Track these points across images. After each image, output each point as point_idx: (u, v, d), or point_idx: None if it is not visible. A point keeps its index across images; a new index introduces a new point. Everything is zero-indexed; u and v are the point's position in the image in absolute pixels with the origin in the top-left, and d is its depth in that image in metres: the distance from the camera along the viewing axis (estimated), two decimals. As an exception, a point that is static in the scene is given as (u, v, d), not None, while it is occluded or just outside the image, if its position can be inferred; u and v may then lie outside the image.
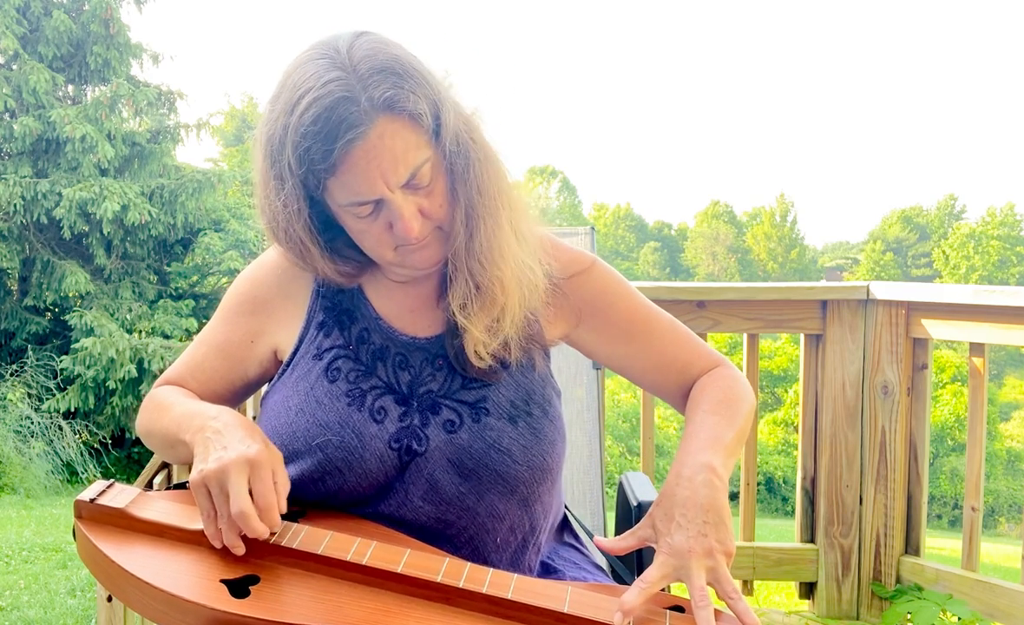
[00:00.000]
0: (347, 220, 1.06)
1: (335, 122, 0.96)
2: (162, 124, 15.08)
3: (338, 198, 1.02)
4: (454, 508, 1.08)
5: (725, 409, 1.15)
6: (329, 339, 1.15)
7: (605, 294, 1.22)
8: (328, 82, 0.97)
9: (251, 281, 1.22)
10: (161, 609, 0.91)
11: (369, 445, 1.07)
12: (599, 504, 2.03)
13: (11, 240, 13.26)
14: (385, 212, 1.03)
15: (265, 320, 1.20)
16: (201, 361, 1.22)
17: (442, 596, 0.94)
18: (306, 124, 0.97)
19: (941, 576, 2.50)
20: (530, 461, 1.09)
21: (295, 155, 0.99)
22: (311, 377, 1.12)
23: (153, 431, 1.18)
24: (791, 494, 16.86)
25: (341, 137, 0.96)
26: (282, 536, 0.98)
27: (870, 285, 2.62)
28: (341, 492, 1.08)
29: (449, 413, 1.10)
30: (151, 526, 1.00)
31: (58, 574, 4.32)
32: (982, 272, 45.62)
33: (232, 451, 0.95)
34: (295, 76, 1.01)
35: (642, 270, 55.53)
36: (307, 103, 0.97)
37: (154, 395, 1.21)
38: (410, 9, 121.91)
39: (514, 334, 1.12)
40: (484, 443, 1.08)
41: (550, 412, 1.14)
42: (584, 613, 0.92)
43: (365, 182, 0.99)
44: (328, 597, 0.92)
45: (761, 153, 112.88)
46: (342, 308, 1.17)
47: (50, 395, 12.16)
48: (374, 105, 0.97)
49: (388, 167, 0.99)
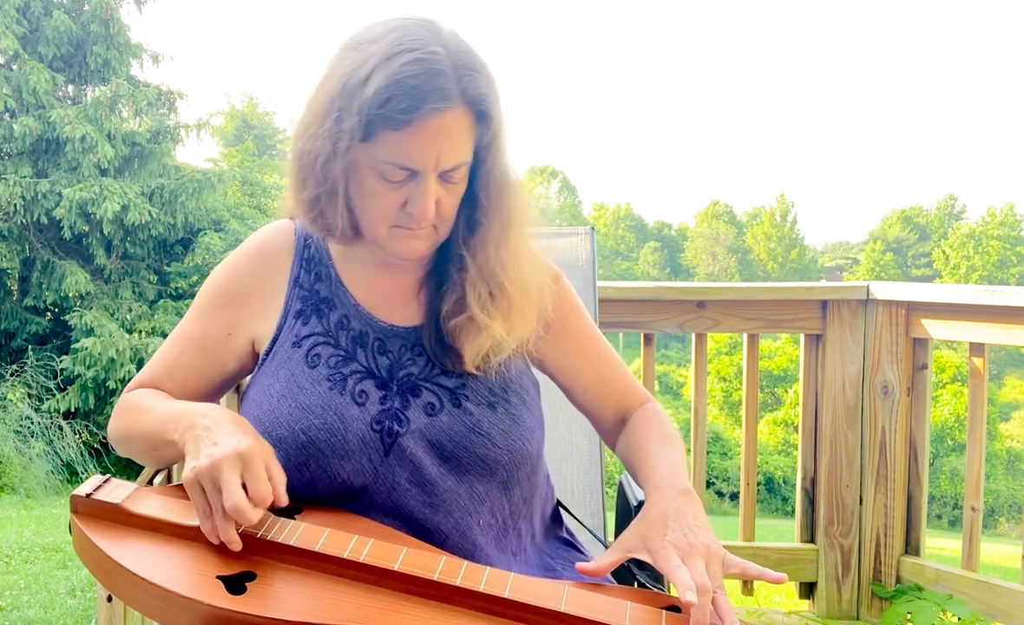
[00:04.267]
0: (369, 178, 1.07)
1: (430, 87, 1.00)
2: (162, 124, 15.09)
3: (384, 153, 1.04)
4: (438, 490, 1.09)
5: (672, 443, 1.22)
6: (307, 327, 1.16)
7: (570, 306, 1.28)
8: (435, 52, 1.02)
9: (227, 272, 1.22)
10: (157, 605, 0.91)
11: (351, 427, 1.08)
12: (599, 504, 2.03)
13: (11, 240, 13.27)
14: (410, 187, 1.06)
15: (242, 311, 1.20)
16: (177, 358, 1.21)
17: (439, 594, 0.94)
18: (404, 74, 1.00)
19: (941, 576, 2.49)
20: (510, 446, 1.12)
21: (377, 96, 1.01)
22: (292, 364, 1.13)
23: (131, 435, 1.16)
24: (791, 494, 16.86)
25: (430, 101, 1.00)
26: (279, 533, 0.98)
27: (870, 285, 2.62)
28: (327, 477, 1.08)
29: (429, 396, 1.12)
30: (147, 522, 1.00)
31: (58, 574, 4.32)
32: (982, 272, 45.62)
33: (223, 446, 0.95)
34: (397, 33, 1.04)
35: (642, 270, 55.55)
36: (411, 58, 1.01)
37: (128, 399, 1.20)
38: (409, 9, 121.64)
39: (509, 353, 1.15)
40: (464, 427, 1.11)
41: (528, 400, 1.18)
42: (581, 612, 0.92)
43: (421, 151, 1.03)
44: (324, 594, 0.92)
45: (761, 153, 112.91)
46: (320, 297, 1.18)
47: (50, 395, 12.16)
48: (463, 93, 1.03)
49: (445, 150, 1.04)
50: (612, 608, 0.94)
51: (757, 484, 2.87)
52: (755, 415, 2.80)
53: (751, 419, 2.79)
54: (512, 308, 1.14)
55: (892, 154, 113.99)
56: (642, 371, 2.79)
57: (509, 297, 1.14)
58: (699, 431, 2.77)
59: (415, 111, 1.00)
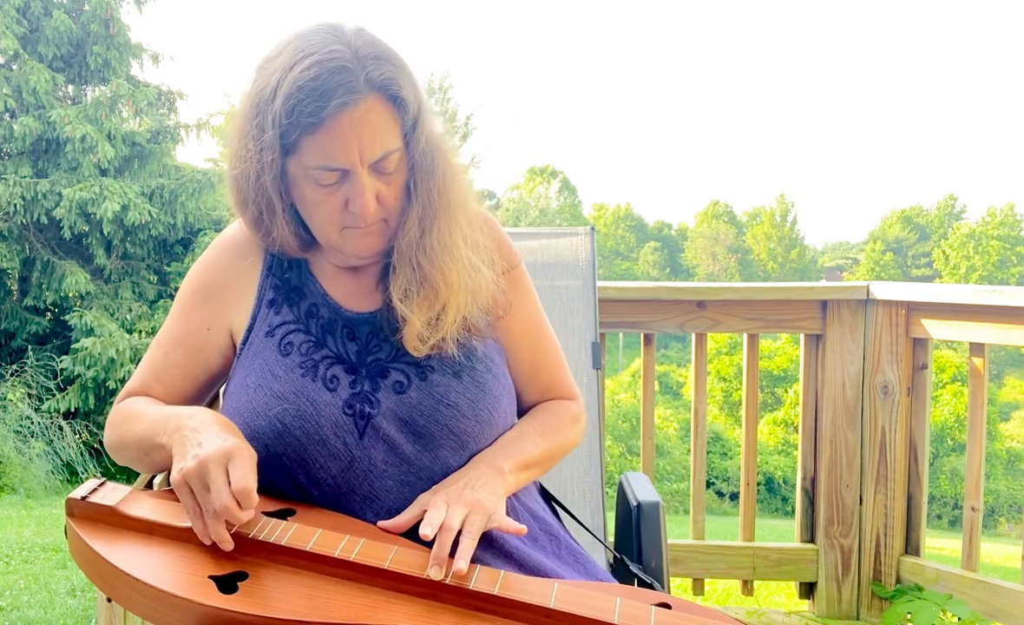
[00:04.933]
0: (306, 189, 1.09)
1: (333, 84, 1.02)
2: (162, 124, 15.08)
3: (309, 159, 1.06)
4: (413, 468, 1.11)
5: (549, 435, 1.24)
6: (280, 316, 1.18)
7: (525, 291, 1.31)
8: (332, 51, 1.04)
9: (201, 267, 1.26)
10: (151, 605, 0.91)
11: (324, 412, 1.10)
12: (599, 504, 2.02)
13: (11, 240, 13.27)
14: (346, 187, 1.07)
15: (219, 304, 1.22)
16: (163, 361, 1.23)
17: (429, 592, 0.94)
18: (304, 79, 1.03)
19: (941, 576, 2.49)
20: (478, 415, 1.14)
21: (285, 106, 1.03)
22: (266, 353, 1.15)
23: (125, 443, 1.18)
24: (791, 494, 16.86)
25: (335, 97, 1.02)
26: (271, 533, 0.98)
27: (870, 285, 2.62)
28: (305, 465, 1.09)
29: (397, 375, 1.14)
30: (141, 524, 1.00)
31: (58, 574, 4.31)
32: (982, 272, 45.62)
33: (209, 446, 0.96)
34: (297, 42, 1.07)
35: (642, 270, 55.57)
36: (309, 63, 1.03)
37: (121, 408, 1.22)
38: (410, 9, 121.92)
39: (453, 332, 1.16)
40: (433, 399, 1.12)
41: (493, 369, 1.19)
42: (570, 609, 0.92)
43: (342, 148, 1.04)
44: (316, 593, 0.92)
45: (761, 153, 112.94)
46: (291, 286, 1.21)
47: (50, 395, 12.16)
48: (370, 82, 1.04)
49: (366, 141, 1.05)
50: (601, 604, 0.94)
51: (757, 484, 2.86)
52: (755, 415, 2.80)
53: (751, 419, 2.79)
54: (435, 296, 1.14)
55: (892, 154, 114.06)
56: (642, 371, 2.79)
57: (431, 284, 1.14)
58: (699, 431, 2.76)
59: (322, 110, 1.02)
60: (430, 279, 1.14)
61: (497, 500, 1.07)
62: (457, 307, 1.15)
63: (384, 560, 0.95)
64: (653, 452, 2.80)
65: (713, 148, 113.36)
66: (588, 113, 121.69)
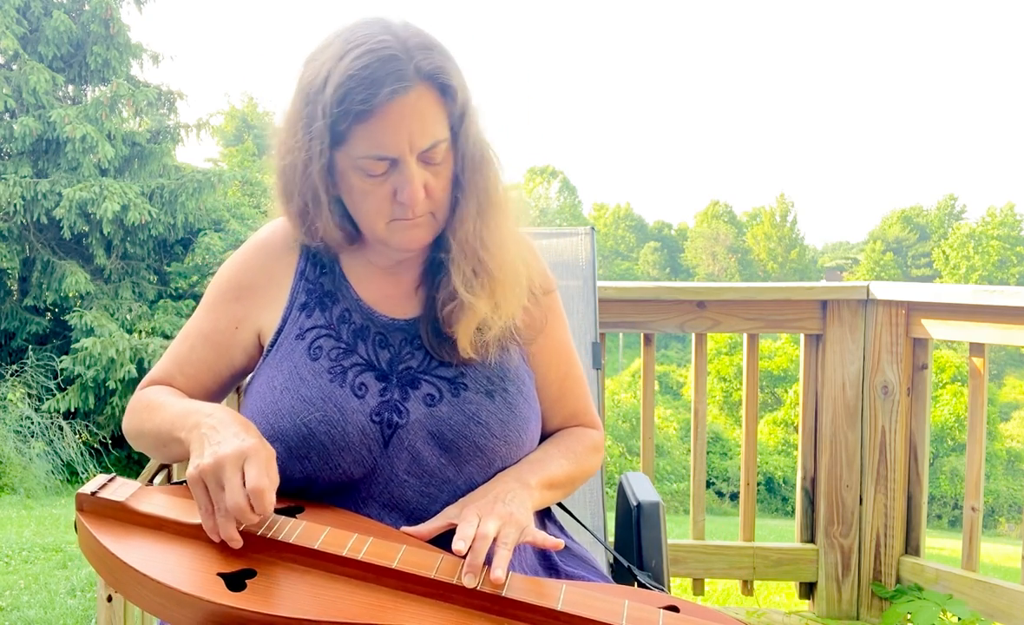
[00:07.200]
0: (354, 180, 1.09)
1: (383, 72, 1.02)
2: (162, 124, 15.08)
3: (358, 149, 1.05)
4: (436, 481, 1.11)
5: (573, 459, 1.24)
6: (311, 319, 1.18)
7: (558, 317, 1.30)
8: (381, 40, 1.04)
9: (235, 266, 1.25)
10: (159, 601, 0.92)
11: (351, 419, 1.10)
12: (599, 504, 2.03)
13: (11, 240, 13.27)
14: (395, 177, 1.07)
15: (249, 305, 1.22)
16: (188, 353, 1.24)
17: (437, 592, 0.94)
18: (355, 68, 1.02)
19: (941, 576, 2.50)
20: (507, 436, 1.14)
21: (336, 95, 1.03)
22: (295, 356, 1.15)
23: (144, 431, 1.19)
24: (791, 494, 16.86)
25: (386, 86, 1.02)
26: (279, 531, 0.98)
27: (870, 285, 2.62)
28: (328, 470, 1.09)
29: (429, 387, 1.14)
30: (150, 520, 1.01)
31: (58, 574, 4.31)
32: (982, 272, 45.60)
33: (227, 445, 0.96)
34: (345, 34, 1.07)
35: (642, 270, 55.55)
36: (359, 52, 1.03)
37: (142, 396, 1.22)
38: (410, 9, 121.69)
39: (498, 334, 1.16)
40: (464, 416, 1.12)
41: (524, 391, 1.19)
42: (578, 611, 0.93)
43: (392, 137, 1.04)
44: (323, 592, 0.92)
45: (761, 153, 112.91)
46: (324, 290, 1.20)
47: (50, 395, 12.15)
48: (419, 71, 1.04)
49: (416, 130, 1.05)
50: (609, 607, 0.94)
51: (757, 484, 2.86)
52: (755, 415, 2.80)
53: (751, 419, 2.79)
54: (495, 284, 1.15)
55: (892, 154, 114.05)
56: (642, 371, 2.79)
57: (491, 273, 1.14)
58: (699, 431, 2.77)
59: (374, 98, 1.02)
60: (489, 269, 1.14)
61: (528, 514, 1.06)
62: (511, 296, 1.16)
63: (392, 559, 0.96)
64: (653, 452, 2.80)
65: (713, 148, 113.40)
66: (588, 113, 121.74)
